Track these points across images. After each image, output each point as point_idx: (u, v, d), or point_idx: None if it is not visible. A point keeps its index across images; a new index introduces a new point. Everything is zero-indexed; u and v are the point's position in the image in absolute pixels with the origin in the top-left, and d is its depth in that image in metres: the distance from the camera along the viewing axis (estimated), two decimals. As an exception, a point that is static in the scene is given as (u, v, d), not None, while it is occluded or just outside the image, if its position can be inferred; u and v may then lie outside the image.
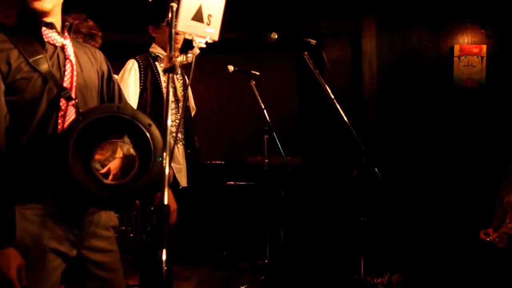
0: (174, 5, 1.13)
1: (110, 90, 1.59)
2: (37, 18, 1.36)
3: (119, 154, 1.35)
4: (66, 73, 1.39)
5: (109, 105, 1.48)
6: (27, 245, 1.33)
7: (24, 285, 1.30)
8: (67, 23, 1.45)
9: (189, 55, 1.16)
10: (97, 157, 1.33)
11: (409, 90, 4.09)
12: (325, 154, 4.17)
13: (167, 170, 1.04)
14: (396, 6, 4.09)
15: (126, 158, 1.34)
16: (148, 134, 1.32)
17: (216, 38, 1.22)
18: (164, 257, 0.99)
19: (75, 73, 1.41)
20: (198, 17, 1.18)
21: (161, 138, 1.34)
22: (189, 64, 1.19)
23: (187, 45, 1.21)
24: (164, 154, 1.06)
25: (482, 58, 4.00)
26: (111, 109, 1.36)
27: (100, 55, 1.59)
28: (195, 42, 1.18)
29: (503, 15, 3.98)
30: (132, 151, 1.35)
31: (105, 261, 1.50)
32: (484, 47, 4.00)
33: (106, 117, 1.32)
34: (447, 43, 4.07)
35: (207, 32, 1.20)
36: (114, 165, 1.41)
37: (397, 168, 3.82)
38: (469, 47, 4.01)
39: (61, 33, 1.42)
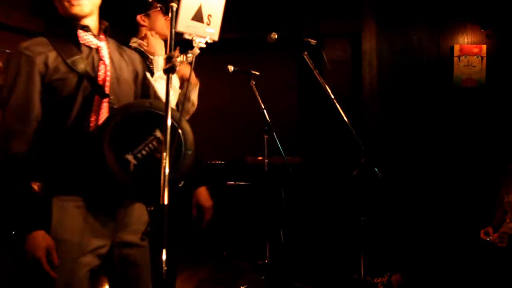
0: (174, 5, 1.14)
1: (144, 91, 1.62)
2: (74, 22, 1.43)
3: (152, 146, 1.37)
4: (99, 73, 1.44)
5: (142, 101, 1.52)
6: (61, 236, 1.37)
7: (55, 266, 1.32)
8: (103, 26, 1.52)
9: (189, 55, 1.16)
10: (130, 148, 1.36)
11: (409, 90, 4.09)
12: (325, 154, 4.17)
13: (167, 170, 1.05)
14: (396, 6, 4.09)
15: (157, 150, 1.36)
16: (179, 130, 1.36)
17: (216, 38, 1.22)
18: (164, 257, 0.99)
19: (108, 73, 1.46)
20: (198, 17, 1.18)
21: (191, 133, 1.41)
22: (189, 64, 1.19)
23: (187, 45, 1.21)
24: (164, 154, 1.06)
25: (482, 58, 4.00)
26: (144, 104, 1.42)
27: (137, 57, 1.64)
28: (195, 42, 1.18)
29: (503, 15, 3.98)
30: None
31: (134, 255, 1.52)
32: (484, 47, 4.00)
33: (139, 112, 1.38)
34: (447, 43, 4.07)
35: (207, 32, 1.20)
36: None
37: (398, 168, 3.82)
38: (469, 47, 4.01)
39: (97, 35, 1.48)
